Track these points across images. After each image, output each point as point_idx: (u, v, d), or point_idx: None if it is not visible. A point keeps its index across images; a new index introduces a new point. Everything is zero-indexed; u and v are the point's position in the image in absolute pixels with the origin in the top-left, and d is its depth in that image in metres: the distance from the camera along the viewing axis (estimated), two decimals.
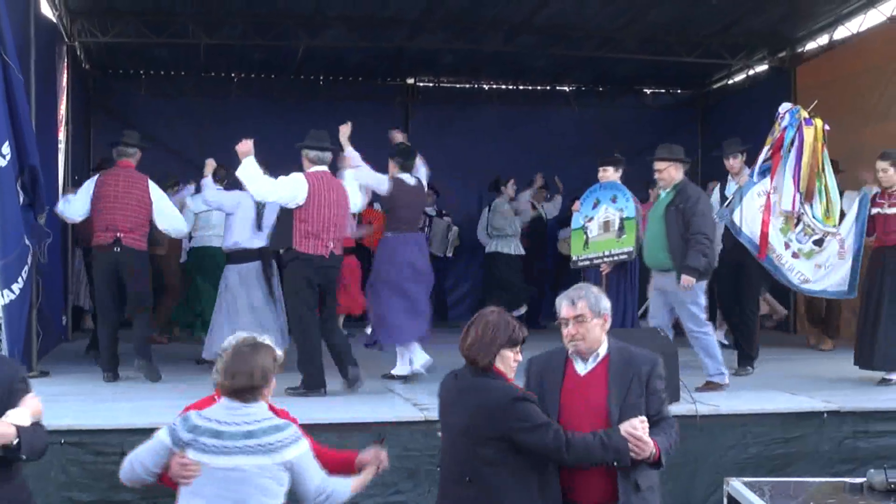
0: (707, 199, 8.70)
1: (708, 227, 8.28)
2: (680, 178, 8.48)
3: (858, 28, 12.57)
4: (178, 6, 12.25)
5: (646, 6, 12.28)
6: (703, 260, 8.17)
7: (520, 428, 4.33)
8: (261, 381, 4.26)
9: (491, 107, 16.08)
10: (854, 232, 8.76)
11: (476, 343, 4.49)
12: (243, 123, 14.09)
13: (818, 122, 8.82)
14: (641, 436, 4.33)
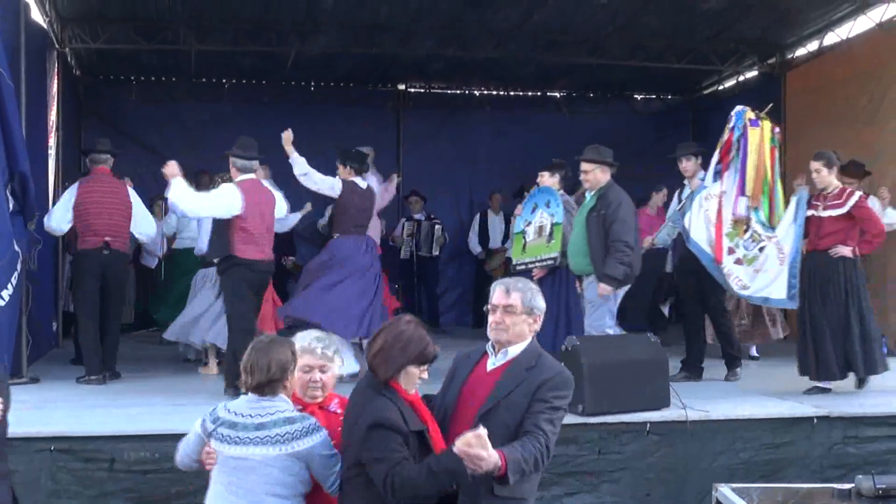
0: (629, 206, 8.46)
1: (628, 235, 8.17)
2: (606, 181, 8.41)
3: (847, 34, 12.61)
4: (169, 13, 12.23)
5: (636, 12, 12.31)
6: (622, 268, 8.09)
7: (365, 455, 4.18)
8: (277, 375, 4.44)
9: (481, 113, 16.10)
10: (792, 235, 8.63)
11: (382, 353, 4.32)
12: (234, 129, 14.07)
13: (766, 124, 8.73)
14: (475, 452, 3.96)
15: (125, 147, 14.11)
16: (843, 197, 8.60)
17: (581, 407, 7.23)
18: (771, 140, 8.74)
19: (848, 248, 8.53)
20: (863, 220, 8.57)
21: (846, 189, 8.69)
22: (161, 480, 6.59)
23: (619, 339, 8.20)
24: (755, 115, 8.77)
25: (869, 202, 10.11)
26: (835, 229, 8.57)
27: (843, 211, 8.53)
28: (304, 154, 10.60)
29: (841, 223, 8.56)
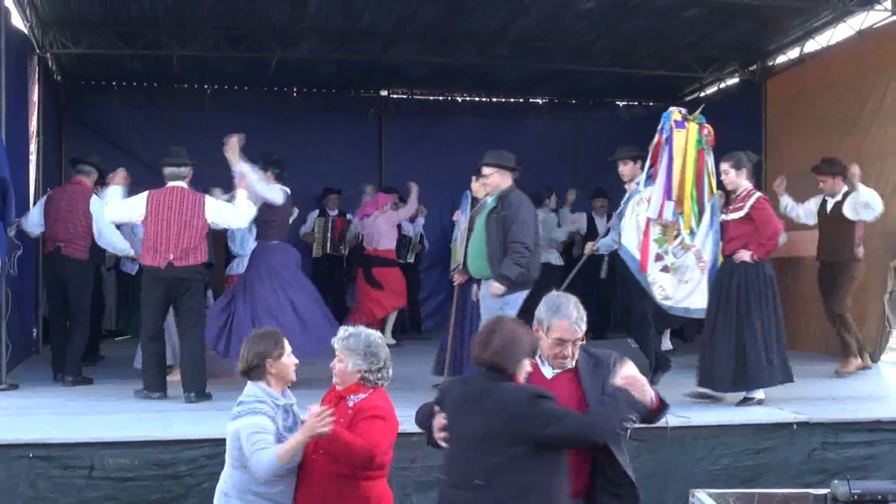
0: (530, 208, 8.30)
1: (527, 236, 8.02)
2: (507, 185, 8.27)
3: (828, 42, 12.67)
4: (151, 18, 12.21)
5: (618, 19, 12.35)
6: (517, 269, 7.95)
7: (543, 423, 4.27)
8: (255, 362, 4.95)
9: (464, 119, 16.12)
10: (710, 241, 8.48)
11: (504, 350, 4.44)
12: (216, 135, 14.04)
13: (692, 126, 8.60)
14: (636, 375, 4.44)
15: (107, 152, 14.10)
16: (746, 199, 8.41)
17: None
18: (697, 142, 8.56)
19: (748, 252, 8.30)
20: (759, 222, 8.32)
21: (751, 191, 8.47)
22: (140, 487, 6.57)
23: (600, 345, 8.18)
24: (681, 117, 8.64)
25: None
26: (738, 233, 8.38)
27: (742, 213, 8.35)
28: (287, 159, 10.64)
29: (744, 227, 8.36)
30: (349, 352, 4.97)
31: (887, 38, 11.20)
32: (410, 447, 6.94)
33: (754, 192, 8.49)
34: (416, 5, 11.81)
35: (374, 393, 4.99)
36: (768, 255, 8.40)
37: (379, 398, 4.98)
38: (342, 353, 4.99)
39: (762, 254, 8.33)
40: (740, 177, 8.47)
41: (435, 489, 6.87)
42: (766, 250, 8.35)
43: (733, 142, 14.13)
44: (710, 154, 8.71)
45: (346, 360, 4.96)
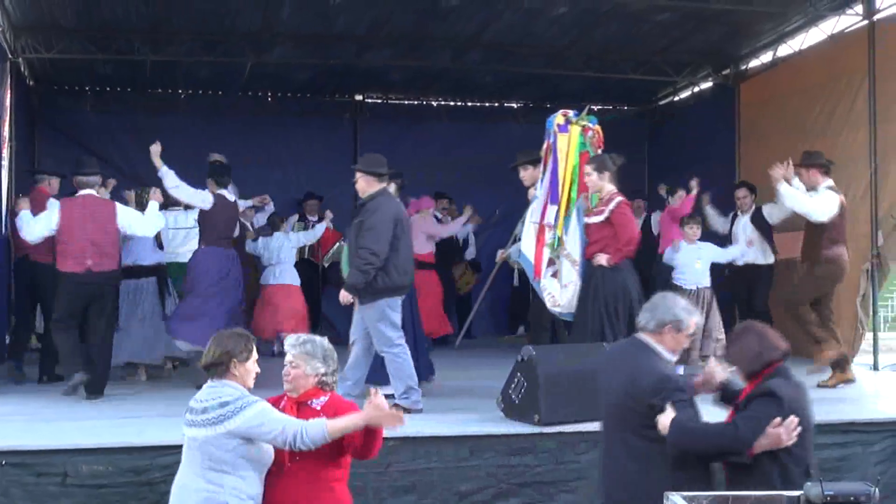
0: (385, 214, 8.05)
1: (375, 243, 7.87)
2: (373, 190, 8.15)
3: (800, 46, 12.77)
4: (124, 22, 12.16)
5: (591, 24, 12.40)
6: (359, 276, 7.85)
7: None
8: (220, 360, 4.92)
9: (439, 123, 16.13)
10: (579, 245, 8.40)
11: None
12: (190, 140, 14.08)
13: (574, 129, 8.53)
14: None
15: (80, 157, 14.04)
16: (607, 203, 8.27)
17: (537, 417, 7.24)
18: (580, 145, 8.48)
19: (605, 256, 8.16)
20: (618, 226, 8.17)
21: (613, 195, 8.30)
22: (114, 494, 6.52)
23: (575, 348, 8.22)
24: (564, 120, 8.56)
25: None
26: (599, 237, 8.26)
27: (603, 217, 8.21)
28: (262, 165, 10.65)
29: (604, 230, 8.22)
30: (307, 356, 4.99)
31: (858, 42, 11.28)
32: (385, 452, 6.94)
33: (616, 196, 8.30)
34: (390, 10, 11.82)
35: (333, 395, 5.05)
36: (621, 259, 8.21)
37: (340, 399, 5.06)
38: (298, 359, 5.01)
39: (618, 259, 8.17)
40: (602, 179, 8.29)
41: (410, 493, 6.89)
42: (623, 255, 8.20)
43: (708, 145, 14.34)
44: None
45: (303, 364, 4.98)
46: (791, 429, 4.79)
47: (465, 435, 7.21)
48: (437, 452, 7.05)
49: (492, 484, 7.05)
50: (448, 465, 7.03)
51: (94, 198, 9.04)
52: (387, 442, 6.92)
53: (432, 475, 7.00)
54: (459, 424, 7.44)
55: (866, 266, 10.94)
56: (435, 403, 8.42)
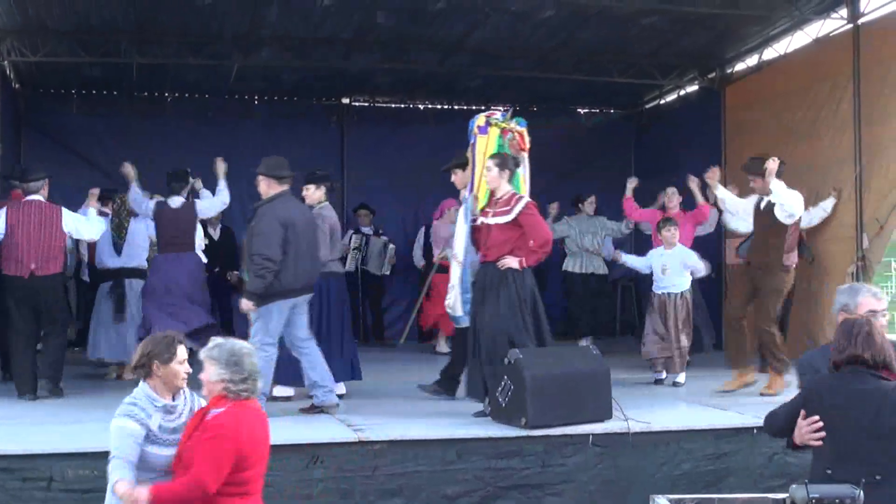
0: (274, 219, 7.96)
1: (266, 247, 7.84)
2: (272, 193, 8.14)
3: (785, 49, 12.82)
4: (110, 25, 12.13)
5: (578, 27, 12.42)
6: (259, 282, 7.83)
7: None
8: (142, 361, 4.95)
9: (426, 126, 16.12)
10: (462, 245, 8.26)
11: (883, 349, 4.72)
12: (177, 143, 14.07)
13: (493, 131, 8.39)
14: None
15: (66, 160, 14.00)
16: (511, 203, 7.92)
17: (524, 420, 7.25)
18: (498, 147, 8.34)
19: (516, 259, 7.83)
20: (529, 228, 7.85)
21: (515, 195, 7.99)
22: (101, 499, 6.45)
23: (562, 351, 8.25)
24: (485, 122, 8.44)
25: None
26: (504, 238, 7.87)
27: (509, 218, 7.86)
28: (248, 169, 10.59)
29: (510, 232, 7.86)
30: (212, 361, 4.89)
31: (843, 45, 11.33)
32: (372, 455, 6.95)
33: (522, 197, 8.02)
34: (376, 13, 11.81)
35: (232, 406, 4.81)
36: (536, 262, 8.00)
37: (229, 415, 4.78)
38: (206, 363, 4.94)
39: (532, 261, 7.89)
40: (502, 177, 7.98)
41: (397, 496, 6.90)
42: (537, 258, 7.93)
43: (694, 148, 14.36)
44: (522, 159, 8.50)
45: (208, 369, 4.90)
46: (811, 428, 4.79)
47: (452, 438, 7.22)
48: (425, 455, 7.05)
49: (479, 487, 7.06)
50: (435, 468, 7.04)
51: (40, 203, 9.26)
52: (373, 445, 6.97)
53: (419, 478, 7.00)
54: (446, 427, 7.44)
55: (851, 268, 10.97)
56: (422, 406, 8.43)
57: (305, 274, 8.12)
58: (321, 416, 8.09)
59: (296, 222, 8.03)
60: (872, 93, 10.80)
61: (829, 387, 4.83)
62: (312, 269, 8.27)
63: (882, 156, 10.68)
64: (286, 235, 7.92)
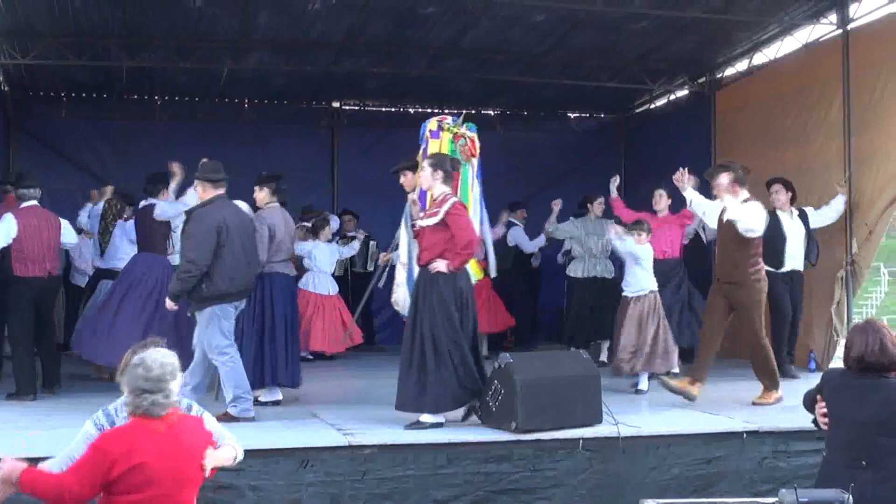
0: (207, 222, 7.91)
1: (193, 250, 7.84)
2: (208, 197, 8.12)
3: (775, 55, 12.85)
4: (100, 28, 12.12)
5: (567, 32, 12.43)
6: (178, 284, 7.86)
7: None
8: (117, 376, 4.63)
9: (416, 130, 16.03)
10: (405, 246, 8.21)
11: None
12: (166, 147, 14.01)
13: (445, 136, 8.35)
14: None
15: (56, 164, 13.98)
16: (442, 204, 7.70)
17: (514, 424, 7.25)
18: (451, 152, 8.24)
19: (443, 262, 7.58)
20: (454, 229, 7.59)
21: (448, 196, 7.75)
22: None
23: (552, 355, 8.24)
24: (437, 127, 8.44)
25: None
26: (434, 241, 7.66)
27: (437, 220, 7.64)
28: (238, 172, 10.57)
29: (439, 234, 7.63)
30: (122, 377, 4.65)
31: (833, 51, 11.36)
32: (362, 460, 6.94)
33: (450, 197, 7.77)
34: (367, 17, 11.81)
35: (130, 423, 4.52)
36: (463, 265, 7.71)
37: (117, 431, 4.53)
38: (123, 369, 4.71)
39: (457, 264, 7.60)
40: (435, 178, 7.77)
41: (387, 500, 6.89)
42: (462, 260, 7.64)
43: (684, 153, 14.37)
44: (470, 164, 8.45)
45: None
46: (820, 412, 5.14)
47: (442, 442, 7.21)
48: (414, 460, 7.04)
49: (468, 491, 7.05)
50: (425, 473, 7.03)
51: (39, 208, 9.44)
52: (363, 450, 6.96)
53: (409, 483, 6.99)
54: (436, 432, 7.43)
55: (841, 273, 11.01)
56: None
57: (241, 278, 8.10)
58: (311, 420, 8.06)
59: (230, 226, 8.00)
60: (862, 98, 10.82)
61: (840, 379, 5.11)
62: (248, 273, 8.22)
63: (871, 161, 10.71)
64: (219, 240, 7.91)
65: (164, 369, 4.49)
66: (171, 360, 4.56)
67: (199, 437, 4.57)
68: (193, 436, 4.55)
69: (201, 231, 7.89)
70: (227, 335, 7.99)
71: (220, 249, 7.88)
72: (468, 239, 7.63)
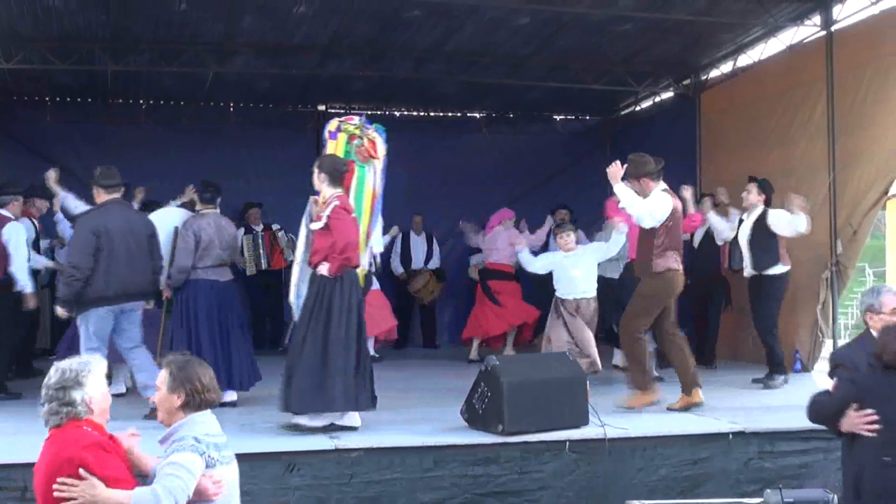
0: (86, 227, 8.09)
1: (72, 255, 8.12)
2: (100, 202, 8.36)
3: (759, 56, 12.89)
4: (84, 32, 12.07)
5: (552, 35, 12.44)
6: (64, 289, 8.02)
7: None
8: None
9: (402, 133, 15.98)
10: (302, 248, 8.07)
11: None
12: (152, 150, 14.01)
13: (342, 136, 8.24)
14: None
15: (41, 168, 13.86)
16: (326, 207, 7.65)
17: (500, 426, 7.25)
18: (345, 153, 8.14)
19: (325, 266, 7.54)
20: (334, 232, 7.51)
21: (332, 198, 7.67)
22: None
23: (538, 357, 8.24)
24: (335, 127, 8.34)
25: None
26: (321, 245, 7.62)
27: (321, 224, 7.60)
28: (224, 176, 10.58)
29: (325, 238, 7.58)
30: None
31: (817, 52, 11.40)
32: (349, 463, 6.94)
33: (334, 200, 7.65)
34: (352, 20, 11.80)
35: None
36: (341, 270, 7.54)
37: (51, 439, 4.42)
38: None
39: (334, 268, 7.51)
40: (322, 181, 7.74)
41: (374, 503, 6.88)
42: (339, 265, 7.52)
43: (668, 155, 14.36)
44: (369, 166, 8.29)
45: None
46: (865, 419, 5.09)
47: (429, 445, 7.22)
48: (401, 463, 7.05)
49: (455, 494, 7.06)
50: (412, 476, 7.04)
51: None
52: (350, 453, 6.96)
53: (396, 486, 7.00)
54: (423, 435, 7.44)
55: (826, 274, 11.04)
56: (398, 414, 8.41)
57: (121, 281, 8.18)
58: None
59: (111, 231, 8.11)
60: (846, 99, 10.86)
61: (882, 383, 5.16)
62: (131, 277, 8.28)
63: (856, 161, 10.74)
64: (98, 244, 8.04)
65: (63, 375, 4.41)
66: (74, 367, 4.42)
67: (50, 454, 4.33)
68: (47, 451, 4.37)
69: (80, 236, 8.15)
70: (91, 337, 8.15)
71: (98, 253, 8.04)
72: (345, 242, 7.52)
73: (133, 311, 8.39)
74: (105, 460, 4.26)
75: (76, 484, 4.12)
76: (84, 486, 4.12)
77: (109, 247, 8.05)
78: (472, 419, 7.59)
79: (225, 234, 9.16)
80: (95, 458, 4.22)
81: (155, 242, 8.57)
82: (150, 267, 8.50)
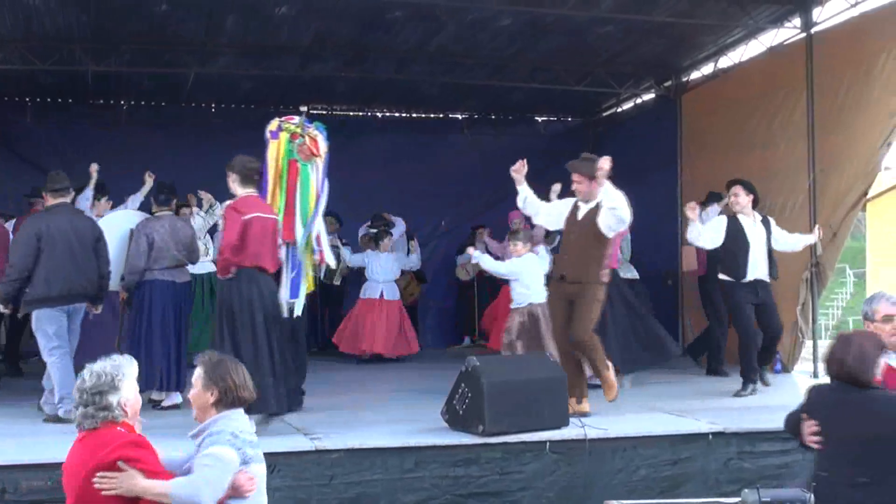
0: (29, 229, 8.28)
1: (12, 255, 8.31)
2: (49, 205, 8.52)
3: (740, 58, 12.95)
4: (65, 33, 12.03)
5: (534, 36, 12.47)
6: (2, 287, 8.26)
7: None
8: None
9: (384, 135, 16.11)
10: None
11: (862, 362, 4.91)
12: (133, 151, 13.94)
13: (283, 136, 8.31)
14: None
15: (22, 169, 13.86)
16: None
17: (481, 427, 7.26)
18: (288, 153, 8.23)
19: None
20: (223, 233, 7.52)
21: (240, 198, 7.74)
22: None
23: (519, 358, 8.24)
24: (276, 127, 8.42)
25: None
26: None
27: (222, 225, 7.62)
28: (207, 178, 10.57)
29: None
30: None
31: (797, 54, 11.45)
32: (329, 464, 6.93)
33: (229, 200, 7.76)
34: (334, 21, 11.80)
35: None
36: (224, 272, 7.57)
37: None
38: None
39: (219, 269, 7.67)
40: (234, 181, 7.94)
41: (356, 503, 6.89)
42: (220, 265, 7.59)
43: (650, 156, 14.46)
44: (312, 164, 8.38)
45: None
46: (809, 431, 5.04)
47: (410, 446, 7.20)
48: (382, 464, 7.04)
49: (436, 495, 7.06)
50: (392, 477, 7.03)
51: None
52: (330, 454, 6.95)
53: (377, 487, 6.99)
54: (404, 436, 7.43)
55: (806, 275, 11.09)
56: (379, 415, 8.42)
57: (64, 281, 8.27)
58: (277, 425, 8.03)
59: (53, 233, 8.24)
60: (826, 101, 10.92)
61: (828, 395, 5.11)
62: (74, 277, 8.34)
63: (836, 163, 10.80)
64: (40, 244, 8.18)
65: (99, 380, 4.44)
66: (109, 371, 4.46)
67: (86, 454, 4.39)
68: (82, 452, 4.43)
69: (22, 237, 8.34)
70: (50, 338, 8.22)
71: (39, 254, 8.18)
72: (223, 243, 7.66)
73: (78, 314, 8.52)
74: (142, 455, 4.38)
75: (116, 476, 4.26)
76: (124, 478, 4.26)
77: (51, 249, 8.20)
78: (453, 420, 7.60)
79: (180, 234, 9.22)
80: (134, 453, 4.35)
81: (101, 246, 8.61)
82: (96, 270, 8.52)
